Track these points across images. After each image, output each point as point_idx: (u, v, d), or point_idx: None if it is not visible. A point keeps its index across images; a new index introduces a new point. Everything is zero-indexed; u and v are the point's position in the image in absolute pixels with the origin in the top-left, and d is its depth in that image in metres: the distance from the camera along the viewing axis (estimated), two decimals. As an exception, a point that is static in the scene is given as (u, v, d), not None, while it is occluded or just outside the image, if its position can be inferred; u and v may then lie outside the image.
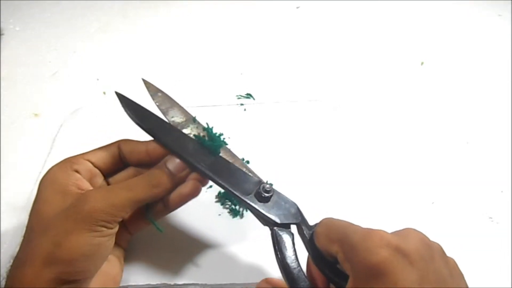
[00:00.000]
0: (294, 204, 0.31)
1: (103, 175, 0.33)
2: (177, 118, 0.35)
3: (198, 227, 0.38)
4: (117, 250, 0.34)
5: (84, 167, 0.31)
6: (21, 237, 0.29)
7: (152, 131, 0.32)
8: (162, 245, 0.37)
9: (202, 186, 0.33)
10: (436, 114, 0.50)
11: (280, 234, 0.29)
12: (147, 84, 0.36)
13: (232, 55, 0.59)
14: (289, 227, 0.30)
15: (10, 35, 0.63)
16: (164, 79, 0.37)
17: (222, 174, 0.31)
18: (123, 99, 0.34)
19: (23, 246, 0.29)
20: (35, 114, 0.51)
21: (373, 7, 0.67)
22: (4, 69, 0.57)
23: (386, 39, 0.61)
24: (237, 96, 0.52)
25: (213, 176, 0.31)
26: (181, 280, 0.35)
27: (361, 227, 0.25)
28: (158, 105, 0.35)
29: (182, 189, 0.33)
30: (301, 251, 0.29)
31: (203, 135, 0.34)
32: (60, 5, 0.69)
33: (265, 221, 0.30)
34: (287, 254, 0.28)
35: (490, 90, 0.53)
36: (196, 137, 0.34)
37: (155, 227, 0.34)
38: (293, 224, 0.30)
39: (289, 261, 0.28)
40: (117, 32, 0.64)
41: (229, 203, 0.40)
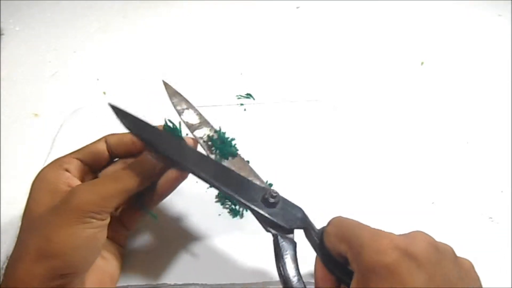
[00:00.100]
0: (300, 209, 0.31)
1: (94, 172, 0.33)
2: (192, 120, 0.36)
3: (198, 227, 0.39)
4: (114, 247, 0.34)
5: (74, 165, 0.31)
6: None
7: (151, 142, 0.31)
8: (162, 245, 0.37)
9: None
10: (436, 114, 0.50)
11: (282, 241, 0.29)
12: (166, 86, 0.37)
13: (232, 55, 0.59)
14: (293, 234, 0.30)
15: (10, 35, 0.63)
16: (164, 79, 0.37)
17: (227, 182, 0.31)
18: (118, 111, 0.32)
19: (16, 245, 0.29)
20: (35, 114, 0.51)
21: (373, 7, 0.67)
22: (4, 69, 0.57)
23: (386, 39, 0.61)
24: (237, 96, 0.52)
25: (218, 185, 0.30)
26: (181, 280, 0.35)
27: (370, 228, 0.25)
28: (174, 106, 0.36)
29: (169, 174, 0.33)
30: (302, 261, 0.29)
31: (215, 138, 0.35)
32: (60, 5, 0.69)
33: (271, 227, 0.30)
34: (287, 262, 0.28)
35: (490, 90, 0.53)
36: (209, 138, 0.34)
37: (149, 214, 0.34)
38: (301, 229, 0.30)
39: (289, 270, 0.28)
40: (117, 32, 0.64)
41: (229, 203, 0.40)
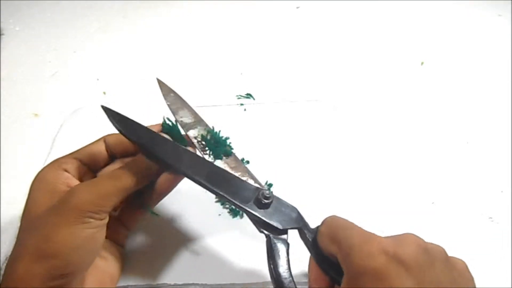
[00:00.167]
0: (294, 209, 0.31)
1: (93, 172, 0.33)
2: (186, 119, 0.35)
3: (198, 227, 0.38)
4: (114, 248, 0.34)
5: (73, 165, 0.31)
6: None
7: (144, 145, 0.31)
8: (162, 245, 0.37)
9: None
10: (436, 114, 0.50)
11: (275, 242, 0.29)
12: (161, 84, 0.36)
13: (232, 55, 0.59)
14: (286, 235, 0.30)
15: (10, 35, 0.63)
16: (164, 79, 0.37)
17: (220, 184, 0.30)
18: (110, 113, 0.31)
19: (15, 245, 0.29)
20: (35, 114, 0.51)
21: (373, 7, 0.67)
22: (4, 69, 0.57)
23: (386, 39, 0.61)
24: (237, 96, 0.52)
25: (211, 187, 0.30)
26: (181, 280, 0.35)
27: (361, 230, 0.25)
28: (169, 105, 0.36)
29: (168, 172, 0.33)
30: (296, 261, 0.29)
31: (209, 137, 0.34)
32: (60, 5, 0.69)
33: (265, 228, 0.30)
34: (280, 263, 0.28)
35: (490, 90, 0.53)
36: (202, 138, 0.34)
37: (150, 212, 0.33)
38: (295, 229, 0.30)
39: (281, 271, 0.28)
40: (117, 32, 0.64)
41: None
